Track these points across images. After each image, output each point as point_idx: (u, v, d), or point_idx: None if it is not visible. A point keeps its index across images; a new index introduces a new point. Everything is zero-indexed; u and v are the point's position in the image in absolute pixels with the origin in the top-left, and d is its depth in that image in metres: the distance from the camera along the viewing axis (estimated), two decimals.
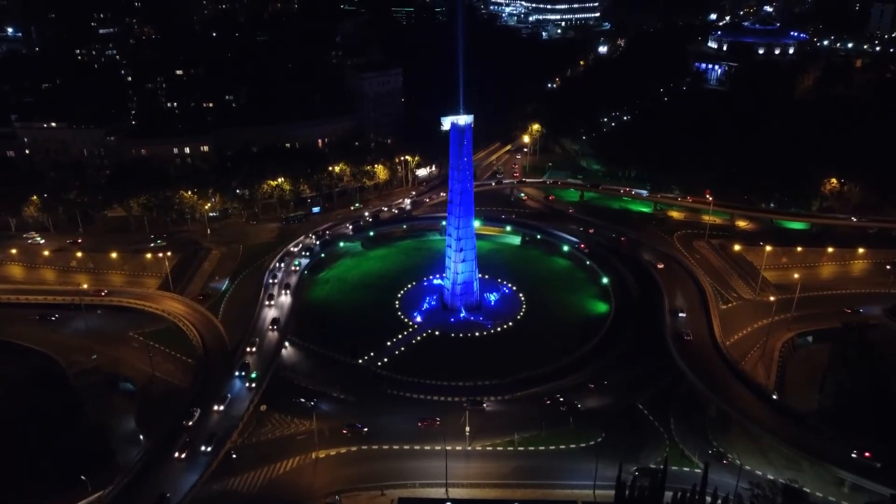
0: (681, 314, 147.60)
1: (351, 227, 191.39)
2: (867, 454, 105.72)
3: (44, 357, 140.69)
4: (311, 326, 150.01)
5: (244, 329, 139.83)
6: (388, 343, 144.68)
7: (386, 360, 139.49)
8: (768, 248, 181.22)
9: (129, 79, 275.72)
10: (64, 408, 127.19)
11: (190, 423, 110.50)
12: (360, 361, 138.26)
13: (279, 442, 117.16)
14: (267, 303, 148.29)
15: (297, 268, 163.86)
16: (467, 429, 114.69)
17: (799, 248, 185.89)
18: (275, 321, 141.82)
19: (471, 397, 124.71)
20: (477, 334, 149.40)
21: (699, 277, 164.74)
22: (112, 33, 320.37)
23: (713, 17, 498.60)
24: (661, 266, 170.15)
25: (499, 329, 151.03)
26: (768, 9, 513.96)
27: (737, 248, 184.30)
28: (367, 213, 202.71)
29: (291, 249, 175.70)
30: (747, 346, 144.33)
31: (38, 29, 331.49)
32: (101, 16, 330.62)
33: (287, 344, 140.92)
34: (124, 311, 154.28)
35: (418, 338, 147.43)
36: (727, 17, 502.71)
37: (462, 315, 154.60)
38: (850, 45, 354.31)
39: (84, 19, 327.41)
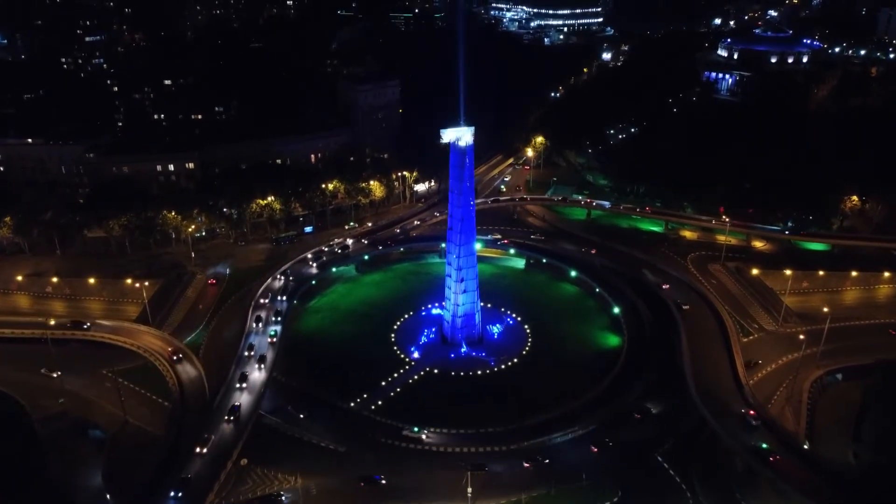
0: (700, 350, 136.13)
1: (315, 265, 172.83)
2: None
3: (6, 399, 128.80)
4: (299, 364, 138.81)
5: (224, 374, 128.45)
6: (383, 383, 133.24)
7: (380, 402, 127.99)
8: (788, 271, 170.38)
9: (115, 89, 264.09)
10: (25, 459, 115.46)
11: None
12: (353, 405, 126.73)
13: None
14: (246, 353, 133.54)
15: (273, 338, 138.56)
16: (469, 490, 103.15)
17: (821, 272, 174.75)
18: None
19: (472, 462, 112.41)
20: (479, 372, 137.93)
21: (718, 308, 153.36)
22: (99, 41, 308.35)
23: (717, 21, 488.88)
24: (665, 286, 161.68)
25: (503, 367, 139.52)
26: (773, 13, 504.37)
27: (755, 271, 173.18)
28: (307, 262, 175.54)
29: (274, 284, 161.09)
30: (772, 385, 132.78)
31: (23, 36, 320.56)
32: (88, 23, 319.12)
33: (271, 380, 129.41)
34: (98, 345, 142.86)
35: (415, 377, 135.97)
36: (732, 23, 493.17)
37: (463, 350, 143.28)
38: (862, 53, 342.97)
39: (70, 26, 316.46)
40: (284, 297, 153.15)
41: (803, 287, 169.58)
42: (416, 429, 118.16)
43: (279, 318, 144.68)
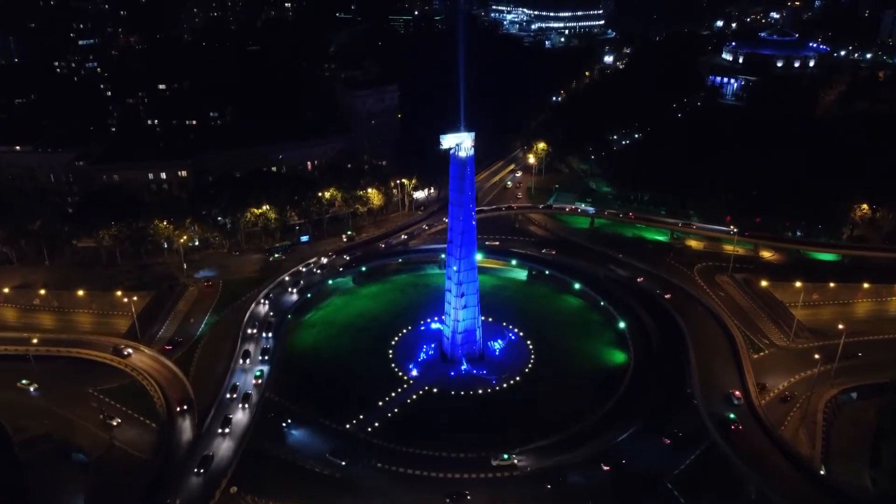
0: (710, 369, 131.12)
1: (295, 292, 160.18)
2: None
3: None
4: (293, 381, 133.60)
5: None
6: (380, 403, 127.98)
7: (377, 424, 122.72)
8: (798, 283, 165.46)
9: (109, 93, 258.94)
10: (4, 483, 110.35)
11: None
12: (348, 427, 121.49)
13: None
14: (229, 395, 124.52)
15: (260, 379, 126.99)
16: None
17: (832, 284, 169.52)
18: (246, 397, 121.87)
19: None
20: (480, 391, 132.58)
21: (727, 322, 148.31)
22: (93, 44, 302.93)
23: (719, 23, 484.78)
24: (668, 296, 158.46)
25: (504, 385, 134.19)
26: (775, 15, 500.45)
27: (764, 283, 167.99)
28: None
29: (259, 310, 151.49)
30: (785, 405, 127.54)
31: (17, 39, 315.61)
32: (82, 26, 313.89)
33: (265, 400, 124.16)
34: (85, 363, 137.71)
35: (414, 396, 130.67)
36: (734, 25, 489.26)
37: (463, 368, 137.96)
38: (868, 56, 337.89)
39: (65, 28, 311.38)
40: (270, 334, 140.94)
41: (813, 299, 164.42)
42: (505, 456, 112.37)
43: (266, 357, 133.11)
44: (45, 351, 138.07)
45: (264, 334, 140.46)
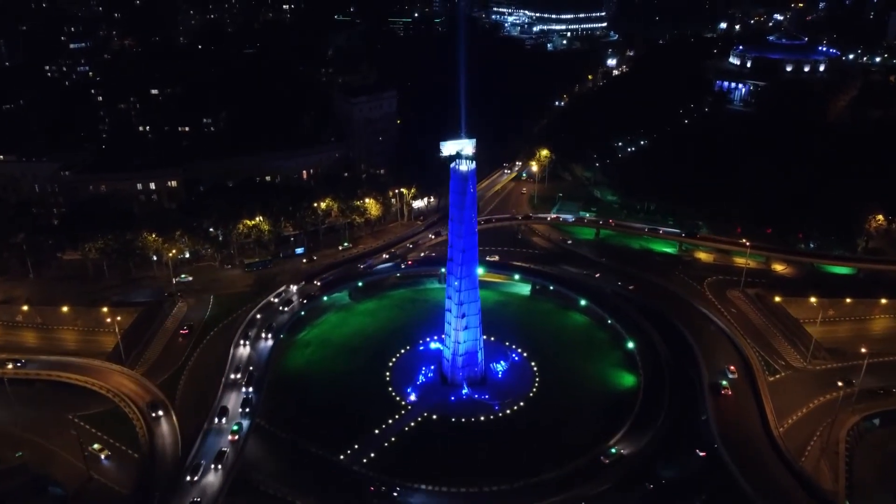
0: (724, 391, 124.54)
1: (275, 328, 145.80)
2: None
3: None
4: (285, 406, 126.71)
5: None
6: (377, 431, 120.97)
7: (373, 455, 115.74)
8: (813, 299, 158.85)
9: (100, 98, 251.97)
10: None
11: None
12: (342, 458, 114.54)
13: None
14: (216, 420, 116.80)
15: (237, 434, 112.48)
16: None
17: (848, 300, 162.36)
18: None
19: None
20: (482, 418, 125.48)
21: (741, 343, 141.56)
22: (85, 48, 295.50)
23: (723, 25, 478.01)
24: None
25: (508, 411, 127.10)
26: (778, 17, 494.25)
27: (777, 299, 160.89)
28: None
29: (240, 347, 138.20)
30: (805, 433, 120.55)
31: (8, 43, 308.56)
32: (73, 29, 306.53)
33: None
34: (65, 385, 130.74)
35: (412, 423, 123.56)
36: (737, 27, 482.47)
37: (464, 392, 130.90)
38: (877, 60, 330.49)
39: (56, 31, 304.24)
40: (251, 388, 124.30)
41: (829, 315, 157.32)
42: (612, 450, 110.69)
43: (247, 409, 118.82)
44: (23, 375, 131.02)
45: (244, 389, 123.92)
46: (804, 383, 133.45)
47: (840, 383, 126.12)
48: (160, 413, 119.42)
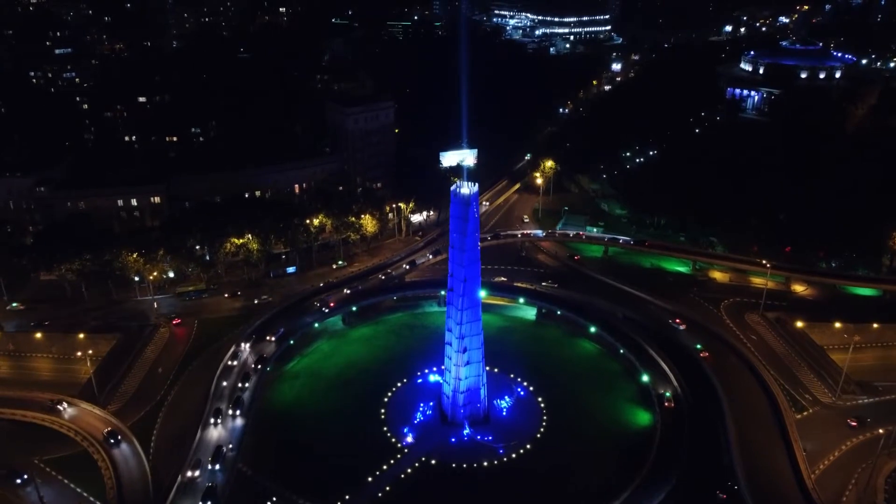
0: (750, 438, 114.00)
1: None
2: None
3: None
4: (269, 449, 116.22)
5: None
6: (370, 478, 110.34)
7: None
8: (838, 324, 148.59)
9: (85, 106, 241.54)
10: None
11: None
12: None
13: None
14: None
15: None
16: None
17: (875, 325, 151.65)
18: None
19: None
20: (485, 463, 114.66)
21: (765, 377, 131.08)
22: (69, 54, 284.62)
23: (728, 28, 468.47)
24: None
25: (513, 455, 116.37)
26: (784, 20, 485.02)
27: (799, 324, 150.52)
28: None
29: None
30: (839, 481, 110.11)
31: None
32: (58, 34, 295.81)
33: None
34: (28, 424, 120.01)
35: (408, 470, 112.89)
36: (742, 30, 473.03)
37: (466, 433, 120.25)
38: (891, 65, 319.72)
39: (42, 35, 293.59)
40: (218, 465, 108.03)
41: (855, 342, 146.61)
42: None
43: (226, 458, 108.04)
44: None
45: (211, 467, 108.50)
46: (834, 422, 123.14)
47: (881, 431, 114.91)
48: (131, 463, 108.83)
